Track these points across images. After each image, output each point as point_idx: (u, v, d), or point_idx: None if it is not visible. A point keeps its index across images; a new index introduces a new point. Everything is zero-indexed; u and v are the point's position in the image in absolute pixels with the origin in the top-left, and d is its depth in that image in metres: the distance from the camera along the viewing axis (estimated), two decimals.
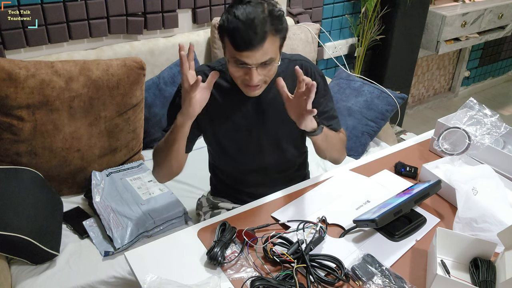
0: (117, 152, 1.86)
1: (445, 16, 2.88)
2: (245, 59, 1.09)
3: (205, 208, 1.52)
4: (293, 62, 1.29)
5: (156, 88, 2.02)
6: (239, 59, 1.09)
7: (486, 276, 0.95)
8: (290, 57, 1.31)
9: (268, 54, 1.10)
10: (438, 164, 1.35)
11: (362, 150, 2.13)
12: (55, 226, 1.53)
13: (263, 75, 1.14)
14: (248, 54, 1.08)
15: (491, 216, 1.08)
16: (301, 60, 1.31)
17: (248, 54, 1.08)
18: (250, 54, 1.08)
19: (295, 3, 2.50)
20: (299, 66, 1.27)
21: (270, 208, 1.23)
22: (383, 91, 2.16)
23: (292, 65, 1.28)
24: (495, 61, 4.16)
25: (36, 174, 1.63)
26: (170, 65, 2.08)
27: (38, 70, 1.62)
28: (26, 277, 1.41)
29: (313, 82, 1.04)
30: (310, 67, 1.30)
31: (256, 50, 1.07)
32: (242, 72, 1.13)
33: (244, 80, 1.15)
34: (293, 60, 1.30)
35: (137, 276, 1.01)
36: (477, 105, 1.38)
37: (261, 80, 1.15)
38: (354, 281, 0.98)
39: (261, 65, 1.11)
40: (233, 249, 1.07)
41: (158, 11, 2.04)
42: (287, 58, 1.30)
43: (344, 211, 1.20)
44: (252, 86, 1.15)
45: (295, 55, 1.33)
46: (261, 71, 1.13)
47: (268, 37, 1.07)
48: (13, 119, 1.61)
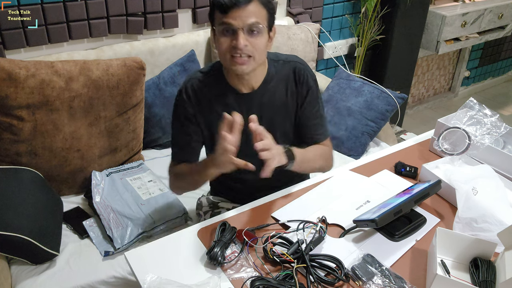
0: (117, 152, 1.86)
1: (445, 16, 2.88)
2: (231, 21, 1.11)
3: (205, 207, 1.52)
4: (288, 64, 1.30)
5: (156, 88, 2.02)
6: (226, 22, 1.12)
7: (486, 276, 0.95)
8: (285, 59, 1.31)
9: (254, 17, 1.12)
10: (438, 164, 1.35)
11: (362, 150, 2.13)
12: (55, 226, 1.53)
13: (250, 44, 1.14)
14: (234, 14, 1.11)
15: (491, 216, 1.08)
16: (296, 62, 1.31)
17: (234, 14, 1.11)
18: (236, 14, 1.11)
19: (295, 3, 2.50)
20: (292, 68, 1.29)
21: (270, 208, 1.22)
22: (383, 91, 2.16)
23: (287, 67, 1.30)
24: (495, 61, 4.16)
25: (36, 174, 1.63)
26: (170, 65, 2.08)
27: (38, 70, 1.62)
28: (26, 277, 1.41)
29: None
30: (304, 70, 1.30)
31: (242, 9, 1.11)
32: (229, 41, 1.14)
33: (231, 50, 1.15)
34: (288, 62, 1.30)
35: (137, 276, 1.01)
36: (477, 105, 1.38)
37: (248, 49, 1.15)
38: (354, 281, 0.98)
39: (247, 31, 1.13)
40: (233, 249, 1.07)
41: (158, 11, 2.04)
42: (282, 59, 1.31)
43: (344, 211, 1.20)
44: (239, 58, 1.15)
45: (291, 56, 1.33)
46: (248, 37, 1.14)
47: (253, 1, 1.12)
48: (13, 119, 1.61)
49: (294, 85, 1.30)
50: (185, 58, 2.09)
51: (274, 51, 1.35)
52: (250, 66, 1.18)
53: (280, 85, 1.29)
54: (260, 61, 1.21)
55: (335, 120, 2.17)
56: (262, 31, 1.15)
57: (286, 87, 1.29)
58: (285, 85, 1.29)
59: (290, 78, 1.29)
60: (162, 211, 1.63)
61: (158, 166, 1.91)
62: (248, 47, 1.14)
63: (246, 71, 1.19)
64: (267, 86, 1.28)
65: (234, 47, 1.14)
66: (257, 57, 1.18)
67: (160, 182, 1.78)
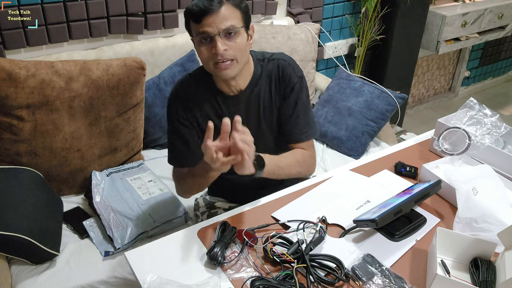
0: (117, 152, 1.86)
1: (445, 16, 2.88)
2: (206, 28, 1.11)
3: (202, 208, 1.52)
4: (272, 61, 1.30)
5: (156, 88, 2.02)
6: (202, 32, 1.12)
7: (486, 276, 0.95)
8: (270, 57, 1.31)
9: (228, 21, 1.12)
10: (438, 164, 1.35)
11: (362, 150, 2.13)
12: (55, 226, 1.53)
13: (229, 48, 1.14)
14: (208, 22, 1.11)
15: (491, 216, 1.08)
16: (280, 59, 1.30)
17: (207, 21, 1.11)
18: (210, 21, 1.11)
19: (295, 3, 2.50)
20: (276, 65, 1.29)
21: (270, 208, 1.22)
22: (383, 91, 2.16)
23: (271, 65, 1.30)
24: (495, 61, 4.16)
25: (36, 174, 1.63)
26: (170, 65, 2.08)
27: (38, 70, 1.62)
28: (26, 277, 1.41)
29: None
30: (288, 66, 1.29)
31: (214, 15, 1.10)
32: (209, 49, 1.14)
33: (212, 57, 1.15)
34: (272, 59, 1.30)
35: (137, 276, 1.01)
36: (477, 105, 1.38)
37: (228, 54, 1.14)
38: (354, 281, 0.98)
39: (224, 35, 1.13)
40: (233, 249, 1.07)
41: (158, 11, 2.04)
42: (267, 57, 1.31)
43: (344, 211, 1.20)
44: (220, 63, 1.15)
45: (276, 54, 1.32)
46: (227, 41, 1.13)
47: (224, 4, 1.11)
48: (13, 119, 1.61)
49: (278, 81, 1.29)
50: (185, 58, 2.09)
51: (274, 51, 1.35)
52: (234, 69, 1.18)
53: (266, 84, 1.29)
54: (243, 62, 1.21)
55: (335, 120, 2.17)
56: (239, 32, 1.15)
57: (270, 85, 1.30)
58: (270, 83, 1.29)
59: (274, 75, 1.29)
60: (162, 211, 1.63)
61: (158, 166, 1.91)
62: (228, 51, 1.14)
63: (232, 75, 1.19)
64: (254, 86, 1.28)
65: (215, 54, 1.13)
66: (240, 59, 1.18)
67: (160, 182, 1.78)
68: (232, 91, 1.27)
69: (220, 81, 1.25)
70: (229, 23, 1.12)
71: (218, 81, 1.27)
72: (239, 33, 1.15)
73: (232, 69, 1.18)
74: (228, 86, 1.26)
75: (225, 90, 1.27)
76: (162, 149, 2.09)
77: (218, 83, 1.27)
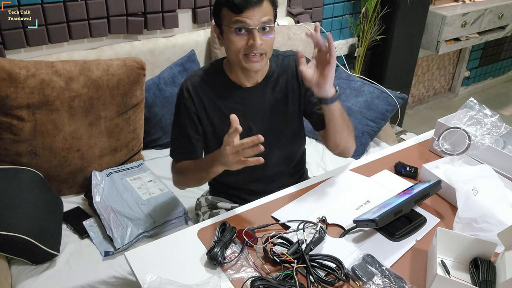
0: (117, 152, 1.86)
1: (445, 16, 2.88)
2: (246, 20, 1.12)
3: (204, 208, 1.52)
4: (287, 58, 1.34)
5: (156, 88, 2.02)
6: (240, 21, 1.12)
7: (486, 276, 0.95)
8: (283, 53, 1.35)
9: (267, 14, 1.14)
10: (438, 164, 1.35)
11: (362, 150, 2.13)
12: (55, 226, 1.53)
13: (264, 42, 1.16)
14: (249, 14, 1.11)
15: (491, 216, 1.08)
16: (293, 55, 1.34)
17: (249, 13, 1.11)
18: (251, 14, 1.11)
19: (295, 3, 2.50)
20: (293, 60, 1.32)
21: (270, 208, 1.22)
22: (383, 91, 2.16)
23: (287, 61, 1.34)
24: (495, 61, 4.16)
25: (36, 174, 1.63)
26: (170, 65, 2.08)
27: (38, 70, 1.62)
28: (26, 277, 1.41)
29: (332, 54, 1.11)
30: None
31: (257, 7, 1.11)
32: (243, 40, 1.16)
33: (246, 49, 1.17)
34: (287, 56, 1.34)
35: (137, 276, 1.01)
36: (477, 105, 1.38)
37: (262, 48, 1.16)
38: (354, 281, 0.98)
39: (261, 29, 1.14)
40: (233, 249, 1.07)
41: (158, 11, 2.04)
42: (281, 54, 1.35)
43: (344, 211, 1.20)
44: (254, 56, 1.17)
45: (288, 51, 1.37)
46: (262, 35, 1.15)
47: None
48: (13, 119, 1.61)
49: (296, 76, 1.32)
50: (185, 58, 2.09)
51: None
52: (262, 63, 1.21)
53: (282, 77, 1.32)
54: (269, 57, 1.24)
55: None
56: (272, 28, 1.18)
57: (287, 78, 1.32)
58: (286, 77, 1.32)
59: (291, 70, 1.32)
60: (162, 211, 1.63)
61: (158, 166, 1.91)
62: (262, 45, 1.16)
63: (259, 68, 1.22)
64: (270, 79, 1.31)
65: (251, 46, 1.15)
66: (269, 54, 1.21)
67: (160, 182, 1.78)
68: (249, 83, 1.29)
69: (238, 72, 1.27)
70: (267, 18, 1.14)
71: (234, 74, 1.28)
72: (272, 29, 1.18)
73: (261, 63, 1.20)
74: (247, 78, 1.28)
75: (241, 82, 1.29)
76: (162, 149, 2.09)
77: (233, 76, 1.29)
